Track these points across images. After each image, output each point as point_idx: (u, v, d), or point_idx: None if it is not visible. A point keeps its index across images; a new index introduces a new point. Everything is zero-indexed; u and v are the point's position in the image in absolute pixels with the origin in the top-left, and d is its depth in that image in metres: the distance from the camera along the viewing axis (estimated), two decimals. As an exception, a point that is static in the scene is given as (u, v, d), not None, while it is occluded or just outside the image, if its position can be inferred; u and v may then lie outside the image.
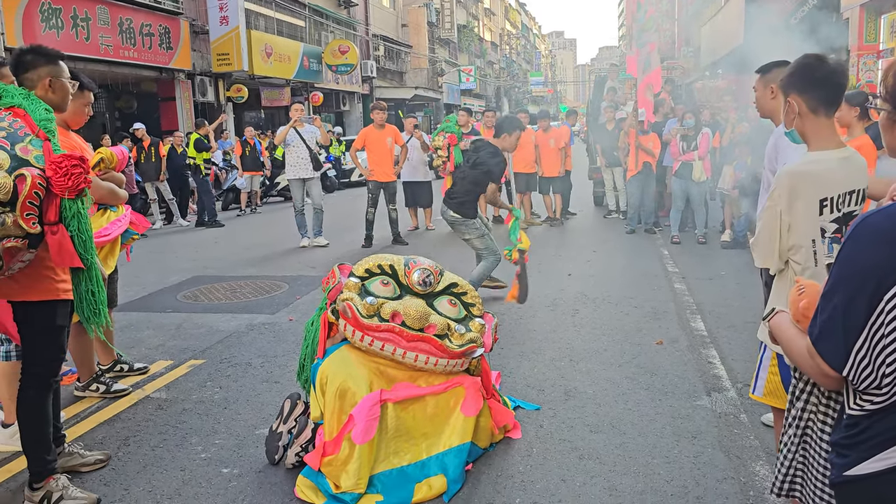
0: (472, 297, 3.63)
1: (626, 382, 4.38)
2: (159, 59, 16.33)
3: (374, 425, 3.13)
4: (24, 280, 2.85)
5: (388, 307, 3.30)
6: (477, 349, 3.38)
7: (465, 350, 3.34)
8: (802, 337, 1.65)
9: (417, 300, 3.40)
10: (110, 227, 4.11)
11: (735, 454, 3.41)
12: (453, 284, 3.62)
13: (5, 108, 2.67)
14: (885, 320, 1.39)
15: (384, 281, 3.49)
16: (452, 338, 3.34)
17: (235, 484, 3.27)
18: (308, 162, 9.57)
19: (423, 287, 3.50)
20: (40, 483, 3.01)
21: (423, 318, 3.28)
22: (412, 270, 3.52)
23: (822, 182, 2.38)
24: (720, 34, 18.71)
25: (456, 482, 3.15)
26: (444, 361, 3.31)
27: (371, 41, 31.21)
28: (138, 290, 7.29)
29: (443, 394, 3.34)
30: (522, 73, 77.76)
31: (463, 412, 3.32)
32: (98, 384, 4.36)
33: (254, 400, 4.27)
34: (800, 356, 1.65)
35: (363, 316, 3.27)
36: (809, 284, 1.72)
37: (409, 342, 3.26)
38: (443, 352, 3.28)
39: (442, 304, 3.51)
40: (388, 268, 3.54)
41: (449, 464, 3.19)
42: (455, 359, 3.33)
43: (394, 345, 3.26)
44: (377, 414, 3.15)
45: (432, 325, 3.30)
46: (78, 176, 2.61)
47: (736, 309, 5.93)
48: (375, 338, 3.27)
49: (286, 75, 21.96)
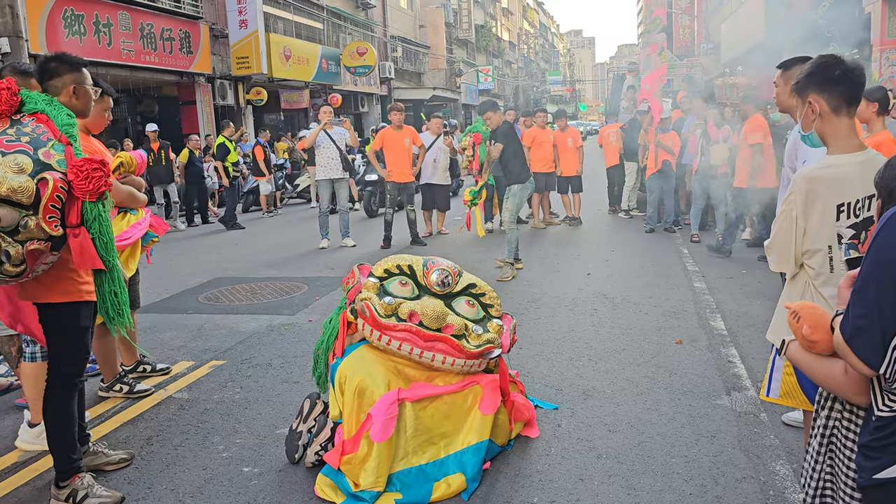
0: (490, 298, 3.64)
1: (645, 382, 4.37)
2: (180, 63, 16.51)
3: (392, 424, 3.15)
4: (49, 282, 2.91)
5: (406, 307, 3.33)
6: (494, 350, 3.39)
7: (483, 350, 3.35)
8: (821, 361, 1.63)
9: (435, 300, 3.42)
10: (130, 230, 4.17)
11: (755, 453, 3.39)
12: (472, 285, 3.63)
13: (29, 114, 2.73)
14: None
15: (402, 281, 3.51)
16: (470, 338, 3.35)
17: (256, 483, 3.31)
18: (338, 163, 9.68)
19: (442, 288, 3.51)
20: (66, 481, 3.07)
21: (440, 319, 3.30)
22: (430, 271, 3.54)
23: (839, 187, 2.35)
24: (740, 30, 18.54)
25: (474, 480, 3.16)
26: (462, 362, 3.32)
27: (389, 42, 31.30)
28: (160, 291, 7.39)
29: (460, 392, 3.36)
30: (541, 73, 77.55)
31: (481, 410, 3.33)
32: (121, 385, 4.42)
33: (274, 400, 4.31)
34: (825, 378, 1.63)
35: (381, 315, 3.30)
36: (801, 307, 1.69)
37: (426, 342, 3.28)
38: (460, 352, 3.30)
39: (460, 305, 3.52)
40: (406, 268, 3.56)
41: (467, 462, 3.20)
42: (472, 359, 3.34)
43: (411, 344, 3.28)
44: (395, 413, 3.17)
45: (450, 325, 3.31)
46: (99, 179, 2.66)
47: (757, 308, 5.88)
48: (393, 337, 3.29)
49: (305, 77, 22.10)
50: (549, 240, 10.05)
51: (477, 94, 43.48)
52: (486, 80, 45.25)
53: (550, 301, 6.43)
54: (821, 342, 1.61)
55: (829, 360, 1.61)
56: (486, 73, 45.41)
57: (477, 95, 43.35)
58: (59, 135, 2.72)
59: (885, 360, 1.41)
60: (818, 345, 1.61)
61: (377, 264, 3.62)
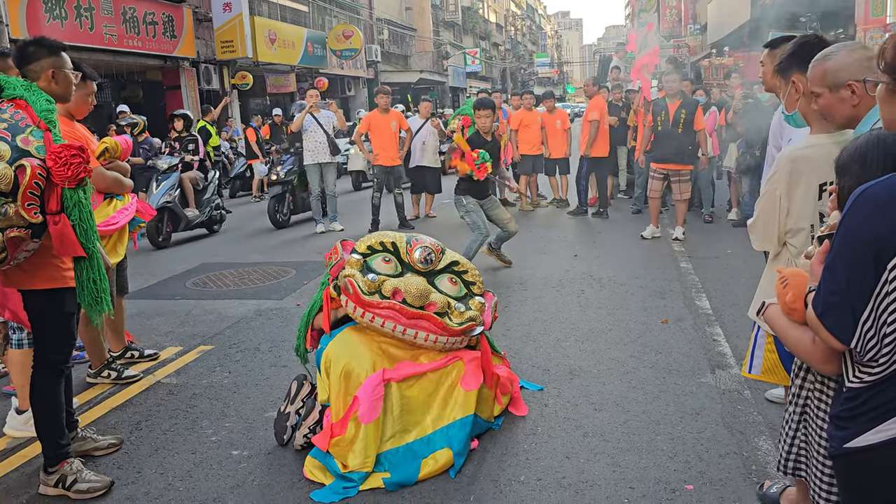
0: (472, 275, 3.67)
1: (631, 361, 4.41)
2: (163, 47, 16.33)
3: (379, 405, 3.18)
4: (32, 269, 2.90)
5: (390, 284, 3.34)
6: (476, 327, 3.42)
7: (465, 328, 3.38)
8: (795, 327, 1.67)
9: (418, 278, 3.44)
10: (117, 215, 4.16)
11: (738, 430, 3.44)
12: (454, 262, 3.66)
13: (7, 100, 2.71)
14: (888, 290, 1.40)
15: (385, 258, 3.53)
16: (452, 315, 3.39)
17: (245, 465, 3.33)
18: (326, 147, 9.63)
19: (425, 265, 3.54)
20: (55, 467, 3.08)
21: (423, 296, 3.32)
22: (414, 248, 3.57)
23: (822, 166, 2.37)
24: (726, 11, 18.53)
25: (461, 455, 3.20)
26: (444, 339, 3.36)
27: (375, 25, 31.06)
28: (148, 277, 7.36)
29: (444, 369, 3.39)
30: (528, 55, 77.21)
31: (463, 387, 3.36)
32: (109, 371, 4.43)
33: (262, 384, 4.33)
34: (796, 345, 1.67)
35: (364, 293, 3.31)
36: (792, 274, 1.72)
37: (409, 319, 3.31)
38: (443, 329, 3.33)
39: (443, 282, 3.55)
40: (389, 245, 3.59)
41: (454, 437, 3.24)
42: (455, 336, 3.38)
43: (394, 322, 3.31)
44: (381, 394, 3.20)
45: (433, 302, 3.34)
46: (78, 166, 2.64)
47: (742, 287, 5.93)
48: (377, 314, 3.31)
49: (291, 61, 21.92)
50: (537, 222, 10.07)
51: (465, 77, 43.27)
52: (474, 63, 45.00)
53: (538, 282, 6.47)
54: (800, 311, 1.64)
55: (802, 327, 1.65)
56: (474, 55, 45.15)
57: (464, 78, 43.14)
58: (37, 121, 2.69)
59: (855, 335, 1.44)
60: (797, 313, 1.65)
61: (361, 240, 3.64)
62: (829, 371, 1.63)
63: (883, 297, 1.41)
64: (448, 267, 3.64)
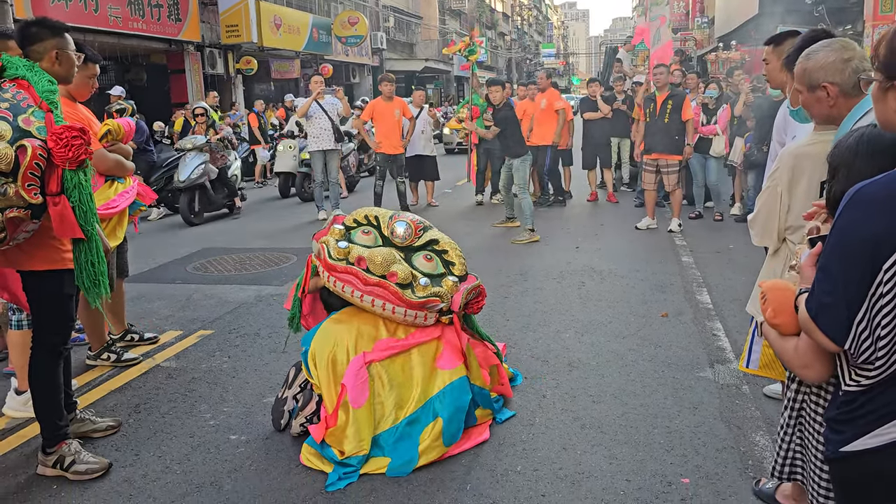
0: (454, 256, 3.66)
1: (630, 354, 4.41)
2: (168, 30, 16.24)
3: (366, 387, 3.22)
4: (31, 249, 2.90)
5: (356, 252, 3.40)
6: (439, 303, 3.41)
7: (426, 302, 3.37)
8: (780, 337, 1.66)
9: (387, 249, 3.46)
10: (118, 198, 4.15)
11: (736, 424, 3.45)
12: (434, 241, 3.67)
13: (9, 80, 2.70)
14: (883, 291, 1.38)
15: (366, 231, 3.61)
16: (416, 289, 3.39)
17: (243, 450, 3.34)
18: (330, 133, 9.60)
19: (402, 240, 3.58)
20: (53, 448, 3.09)
21: (385, 266, 3.35)
22: (394, 222, 3.63)
23: (824, 163, 2.36)
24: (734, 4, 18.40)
25: (450, 422, 3.23)
26: (402, 310, 3.36)
27: (381, 12, 30.90)
28: (148, 261, 7.37)
29: (425, 344, 3.42)
30: (534, 45, 76.90)
31: (439, 366, 3.39)
32: (109, 353, 4.44)
33: (261, 369, 4.33)
34: (781, 353, 1.67)
35: (332, 258, 3.40)
36: (770, 288, 1.71)
37: (366, 286, 3.34)
38: (399, 300, 3.33)
39: (418, 259, 3.58)
40: (372, 219, 3.66)
41: (442, 404, 3.26)
42: (413, 309, 3.37)
43: (353, 287, 3.35)
44: (365, 377, 3.24)
45: (394, 272, 3.35)
46: (79, 147, 2.63)
47: (743, 282, 5.92)
48: (338, 278, 3.39)
49: (296, 47, 21.82)
50: (539, 213, 10.04)
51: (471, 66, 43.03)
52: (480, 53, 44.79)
53: (539, 274, 6.46)
54: (783, 325, 1.64)
55: (785, 337, 1.65)
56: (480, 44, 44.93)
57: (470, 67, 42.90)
58: (39, 101, 2.69)
59: (849, 336, 1.42)
60: (781, 327, 1.65)
61: (349, 214, 3.72)
62: (808, 376, 1.62)
63: (878, 297, 1.38)
64: (427, 245, 3.66)
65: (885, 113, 1.51)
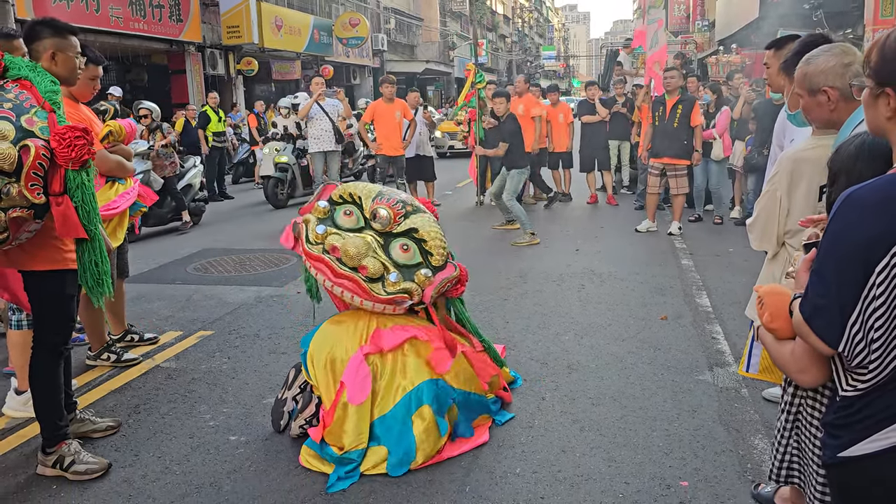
0: (433, 246, 3.51)
1: (629, 357, 4.42)
2: (169, 31, 16.27)
3: (368, 383, 3.21)
4: (33, 250, 2.91)
5: (331, 240, 3.39)
6: (407, 300, 3.37)
7: (394, 299, 3.34)
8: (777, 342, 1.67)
9: (360, 240, 3.38)
10: (119, 199, 4.16)
11: (735, 428, 3.45)
12: (413, 229, 3.52)
13: (12, 80, 2.71)
14: (875, 293, 1.38)
15: (347, 211, 3.55)
16: (386, 284, 3.35)
17: (242, 451, 3.34)
18: (331, 135, 9.65)
19: (382, 225, 3.50)
20: (53, 448, 3.09)
21: (357, 259, 3.32)
22: (375, 206, 3.53)
23: (823, 167, 2.37)
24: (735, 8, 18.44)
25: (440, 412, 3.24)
26: (370, 304, 3.34)
27: (382, 14, 30.94)
28: (149, 261, 7.37)
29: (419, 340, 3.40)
30: (535, 47, 76.96)
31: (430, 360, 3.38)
32: (109, 353, 4.44)
33: (261, 370, 4.34)
34: (777, 357, 1.68)
35: (308, 241, 3.41)
36: (766, 293, 1.72)
37: (335, 277, 3.33)
38: (366, 294, 3.31)
39: (395, 248, 3.48)
40: (356, 198, 3.58)
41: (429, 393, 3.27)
42: (382, 304, 3.34)
43: (324, 275, 3.37)
44: (367, 371, 3.23)
45: (364, 266, 3.32)
46: (81, 147, 2.64)
47: (742, 285, 5.92)
48: (312, 265, 3.41)
49: (296, 48, 21.86)
50: (539, 215, 10.06)
51: (470, 68, 43.01)
52: (480, 55, 44.80)
53: (538, 276, 6.47)
54: (779, 329, 1.64)
55: (781, 341, 1.66)
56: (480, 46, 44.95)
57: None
58: (42, 101, 2.69)
59: (843, 338, 1.43)
60: (777, 332, 1.65)
61: (338, 188, 3.65)
62: (804, 381, 1.63)
63: (871, 300, 1.39)
64: (406, 232, 3.52)
65: (876, 119, 1.52)
